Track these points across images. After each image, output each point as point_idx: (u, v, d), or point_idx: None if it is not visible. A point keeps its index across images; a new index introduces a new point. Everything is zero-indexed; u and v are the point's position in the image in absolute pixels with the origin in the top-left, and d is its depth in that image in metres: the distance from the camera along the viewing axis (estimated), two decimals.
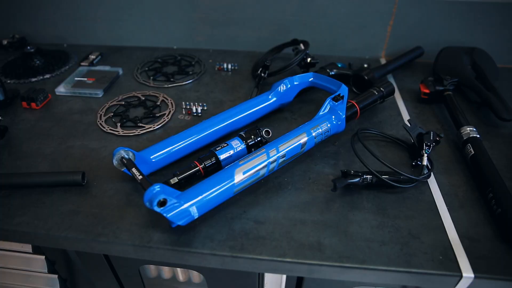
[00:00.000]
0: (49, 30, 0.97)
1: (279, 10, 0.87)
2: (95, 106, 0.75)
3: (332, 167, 0.60)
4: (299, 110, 0.72)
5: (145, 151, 0.56)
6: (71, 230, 0.50)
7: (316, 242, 0.48)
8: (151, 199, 0.45)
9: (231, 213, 0.52)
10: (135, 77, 0.83)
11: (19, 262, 0.64)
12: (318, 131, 0.58)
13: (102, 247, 0.50)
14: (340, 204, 0.54)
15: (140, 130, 0.66)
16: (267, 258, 0.47)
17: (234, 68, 0.85)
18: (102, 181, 0.57)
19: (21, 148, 0.65)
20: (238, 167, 0.51)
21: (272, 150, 0.53)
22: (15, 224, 0.51)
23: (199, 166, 0.55)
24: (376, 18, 0.84)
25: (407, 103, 0.75)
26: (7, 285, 0.68)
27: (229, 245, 0.48)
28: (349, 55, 0.91)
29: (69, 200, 0.55)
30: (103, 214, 0.52)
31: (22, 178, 0.55)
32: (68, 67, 0.87)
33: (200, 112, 0.70)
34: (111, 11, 0.92)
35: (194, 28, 0.92)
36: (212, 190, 0.48)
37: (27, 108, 0.74)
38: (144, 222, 0.51)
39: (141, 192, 0.56)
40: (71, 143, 0.65)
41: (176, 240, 0.49)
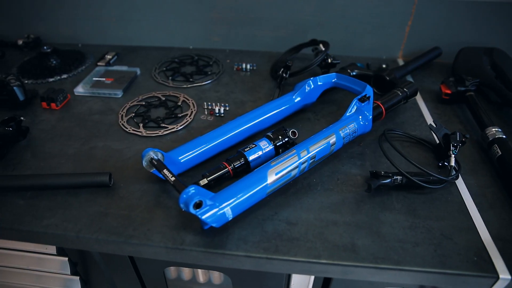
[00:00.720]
0: (64, 30, 0.96)
1: (297, 10, 0.86)
2: (115, 106, 0.74)
3: (359, 167, 0.60)
4: (321, 111, 0.72)
5: (173, 152, 0.56)
6: (101, 232, 0.49)
7: (349, 243, 0.48)
8: (186, 201, 0.44)
9: (263, 215, 0.52)
10: (154, 77, 0.83)
11: (42, 264, 0.63)
12: (346, 131, 0.58)
13: (133, 249, 0.49)
14: (370, 205, 0.54)
15: (163, 131, 0.66)
16: (302, 259, 0.47)
17: (253, 68, 0.85)
18: (128, 182, 0.57)
19: (43, 149, 0.64)
20: (271, 168, 0.50)
21: (303, 151, 0.53)
22: (44, 226, 0.51)
23: (228, 167, 0.55)
24: (395, 18, 0.84)
25: (428, 103, 0.75)
26: (28, 286, 0.67)
27: (263, 246, 0.48)
28: (366, 55, 0.91)
29: (97, 201, 0.54)
30: (133, 215, 0.52)
31: (49, 180, 0.54)
32: (85, 67, 0.86)
33: (223, 112, 0.70)
34: (126, 11, 0.91)
35: (211, 28, 0.92)
36: (246, 192, 0.48)
37: (47, 108, 0.73)
38: (175, 223, 0.51)
39: (169, 193, 0.55)
40: (93, 144, 0.65)
41: (209, 242, 0.48)
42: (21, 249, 0.62)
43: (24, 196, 0.55)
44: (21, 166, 0.61)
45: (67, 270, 0.64)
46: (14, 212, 0.53)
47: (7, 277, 0.67)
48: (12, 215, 0.52)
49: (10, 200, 0.54)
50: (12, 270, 0.65)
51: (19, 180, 0.54)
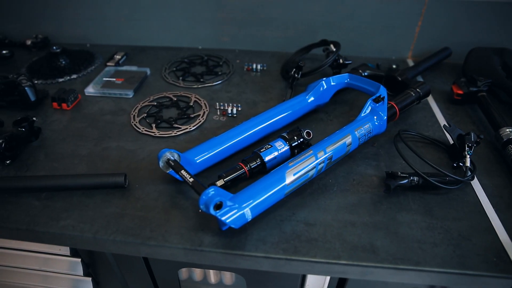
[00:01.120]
0: (72, 30, 0.96)
1: (306, 10, 0.86)
2: (126, 106, 0.74)
3: (374, 168, 0.59)
4: (334, 111, 0.72)
5: (189, 153, 0.55)
6: (118, 233, 0.49)
7: (368, 244, 0.48)
8: (206, 203, 0.44)
9: (280, 215, 0.52)
10: (164, 77, 0.82)
11: (55, 265, 0.63)
12: (362, 132, 0.58)
13: (151, 250, 0.49)
14: (387, 205, 0.54)
15: (176, 131, 0.65)
16: (322, 260, 0.46)
17: (263, 68, 0.85)
18: (144, 183, 0.57)
19: (56, 149, 0.64)
20: (289, 169, 0.50)
21: (320, 152, 0.53)
22: (61, 227, 0.50)
23: (244, 168, 0.55)
24: (405, 18, 0.85)
25: (440, 104, 0.75)
26: (40, 287, 0.67)
27: (282, 247, 0.47)
28: (375, 55, 0.91)
29: (112, 202, 0.54)
30: (149, 217, 0.51)
31: (65, 180, 0.54)
32: (94, 67, 0.86)
33: (236, 113, 0.70)
34: (135, 11, 0.91)
35: (220, 28, 0.91)
36: (265, 192, 0.48)
37: (58, 108, 0.73)
38: (192, 225, 0.50)
39: (185, 194, 0.55)
40: (106, 144, 0.64)
41: (227, 243, 0.48)
42: (34, 250, 0.61)
43: (39, 197, 0.55)
44: (34, 166, 0.60)
45: (80, 271, 0.64)
46: (30, 213, 0.52)
47: (20, 278, 0.67)
48: (27, 216, 0.52)
49: (25, 201, 0.54)
50: (24, 271, 0.65)
51: (35, 180, 0.54)
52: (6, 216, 0.52)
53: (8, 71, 0.86)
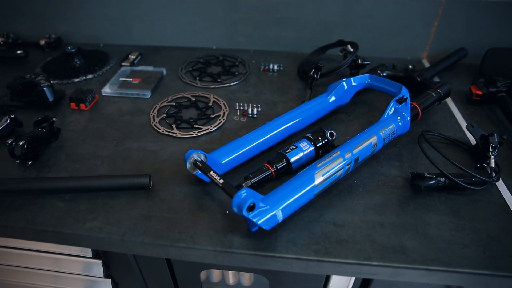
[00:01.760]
0: (85, 30, 0.95)
1: (323, 11, 0.86)
2: (144, 107, 0.74)
3: (398, 169, 0.59)
4: (353, 112, 0.72)
5: (215, 153, 0.55)
6: (146, 235, 0.49)
7: (398, 245, 0.48)
8: (239, 205, 0.44)
9: (308, 216, 0.52)
10: (181, 78, 0.82)
11: (75, 266, 0.62)
12: (386, 133, 0.58)
13: (179, 252, 0.49)
14: (413, 206, 0.53)
15: (197, 132, 0.65)
16: (353, 262, 0.46)
17: (280, 68, 0.85)
18: (168, 184, 0.56)
19: (77, 150, 0.63)
20: (318, 170, 0.50)
21: (347, 153, 0.53)
22: (87, 229, 0.50)
23: (271, 169, 0.54)
24: (421, 19, 0.85)
25: (458, 104, 0.75)
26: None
27: (312, 249, 0.47)
28: (390, 56, 0.91)
29: (138, 204, 0.53)
30: (176, 218, 0.51)
31: (90, 182, 0.53)
32: (109, 67, 0.85)
33: (256, 113, 0.70)
34: (150, 10, 0.91)
35: (235, 28, 0.91)
36: (295, 193, 0.48)
37: (75, 109, 0.72)
38: (220, 226, 0.50)
39: (211, 195, 0.55)
40: (127, 145, 0.64)
41: (258, 245, 0.48)
42: (54, 252, 0.61)
43: (63, 199, 0.54)
44: (56, 167, 0.60)
45: (100, 273, 0.63)
46: (55, 215, 0.52)
47: (39, 280, 0.66)
48: (53, 218, 0.51)
49: (50, 203, 0.54)
50: (44, 272, 0.64)
51: (60, 182, 0.53)
52: (31, 218, 0.51)
53: (23, 71, 0.85)
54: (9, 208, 0.53)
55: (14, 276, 0.66)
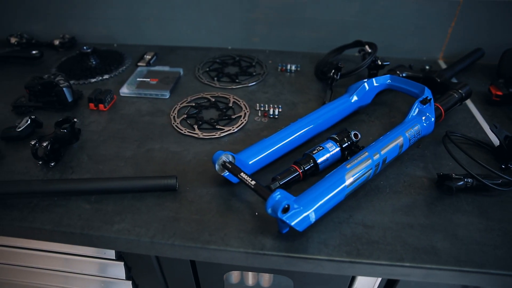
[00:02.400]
0: (99, 30, 0.95)
1: (339, 11, 0.86)
2: (164, 107, 0.73)
3: (423, 170, 0.59)
4: (374, 113, 0.72)
5: (242, 154, 0.55)
6: (176, 237, 0.48)
7: (429, 246, 0.48)
8: (274, 207, 0.43)
9: (338, 218, 0.51)
10: (198, 78, 0.82)
11: (97, 268, 0.62)
12: (412, 133, 0.58)
13: (210, 254, 0.48)
14: (441, 207, 0.53)
15: (220, 133, 0.65)
16: (385, 263, 0.46)
17: (297, 69, 0.85)
18: (194, 186, 0.56)
19: (99, 151, 0.63)
20: (348, 171, 0.50)
21: (375, 154, 0.53)
22: (116, 231, 0.49)
23: (298, 170, 0.54)
24: (438, 19, 0.85)
25: (477, 105, 0.75)
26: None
27: (344, 250, 0.47)
28: (405, 56, 0.91)
29: (165, 205, 0.53)
30: (205, 220, 0.51)
31: (116, 183, 0.53)
32: (125, 67, 0.85)
33: (277, 114, 0.69)
34: (165, 11, 0.90)
35: (251, 28, 0.91)
36: (327, 194, 0.48)
37: (94, 109, 0.72)
38: (251, 228, 0.50)
39: (239, 197, 0.54)
40: (150, 146, 0.63)
41: (290, 247, 0.47)
42: (75, 253, 0.60)
43: (89, 200, 0.54)
44: (79, 169, 0.59)
45: (122, 275, 0.63)
46: (82, 217, 0.51)
47: (56, 281, 0.66)
48: (80, 220, 0.51)
49: (75, 204, 0.53)
50: (64, 274, 0.64)
51: (87, 183, 0.53)
52: (57, 219, 0.51)
53: (38, 71, 0.85)
54: (34, 210, 0.52)
55: (36, 278, 0.65)
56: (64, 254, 0.59)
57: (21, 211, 0.52)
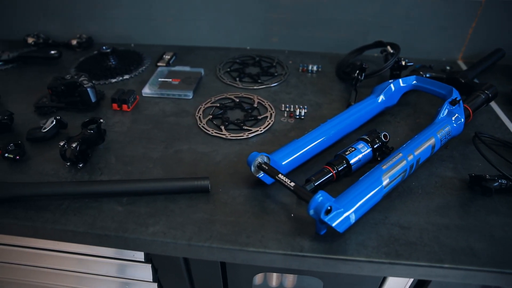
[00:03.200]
0: (116, 30, 0.94)
1: (359, 11, 0.86)
2: (188, 108, 0.73)
3: (453, 170, 0.59)
4: (399, 113, 0.72)
5: (275, 155, 0.55)
6: (213, 239, 0.48)
7: (467, 247, 0.48)
8: (317, 208, 0.43)
9: (373, 219, 0.51)
10: (220, 78, 0.81)
11: (124, 270, 0.61)
12: (442, 134, 0.58)
13: (248, 256, 0.48)
14: (475, 208, 0.53)
15: (247, 133, 0.64)
16: (425, 264, 0.46)
17: (318, 69, 0.84)
18: (226, 187, 0.55)
19: (126, 152, 0.62)
20: (384, 172, 0.50)
21: (409, 155, 0.53)
22: (151, 234, 0.49)
23: (332, 171, 0.54)
24: (459, 20, 0.85)
25: (501, 106, 0.75)
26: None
27: (383, 251, 0.47)
28: (425, 57, 0.91)
29: (199, 207, 0.52)
30: (241, 222, 0.50)
31: (149, 185, 0.52)
32: (145, 67, 0.84)
33: (303, 115, 0.69)
34: (184, 11, 0.90)
35: (270, 28, 0.91)
36: (365, 195, 0.47)
37: (117, 110, 0.71)
38: (288, 229, 0.49)
39: (273, 198, 0.54)
40: (177, 147, 0.63)
41: (329, 248, 0.47)
42: (100, 255, 0.60)
43: (120, 202, 0.53)
44: (107, 170, 0.59)
45: (149, 277, 0.62)
46: (115, 219, 0.51)
47: (83, 283, 0.65)
48: (114, 222, 0.50)
49: (107, 207, 0.53)
50: (90, 276, 0.63)
51: (121, 185, 0.52)
52: (91, 222, 0.50)
53: (57, 71, 0.84)
54: (66, 212, 0.52)
55: (59, 280, 0.65)
56: (88, 256, 0.59)
57: (53, 213, 0.52)
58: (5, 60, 0.83)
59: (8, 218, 0.51)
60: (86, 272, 0.62)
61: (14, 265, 0.64)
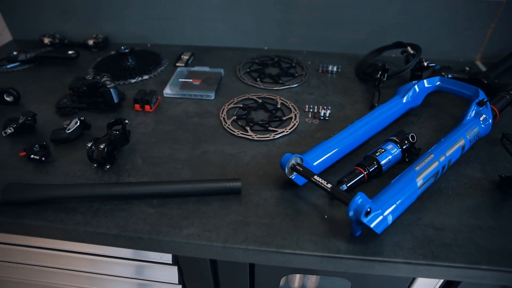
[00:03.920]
0: (132, 30, 0.93)
1: (379, 12, 0.86)
2: (210, 108, 0.72)
3: (481, 171, 0.59)
4: (422, 114, 0.72)
5: (307, 156, 0.54)
6: (249, 241, 0.48)
7: (503, 249, 0.48)
8: (357, 210, 0.43)
9: (406, 220, 0.51)
10: (240, 78, 0.81)
11: (149, 272, 0.61)
12: (471, 135, 0.58)
13: (284, 258, 0.48)
14: (507, 209, 0.53)
15: (274, 134, 0.64)
16: (462, 265, 0.46)
17: (338, 70, 0.84)
18: (257, 189, 0.55)
19: (152, 153, 0.61)
20: (418, 173, 0.50)
21: (441, 156, 0.53)
22: (186, 236, 0.48)
23: (363, 172, 0.54)
24: (478, 20, 0.85)
25: None
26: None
27: (419, 252, 0.47)
28: (442, 57, 0.90)
29: (232, 209, 0.52)
30: (275, 224, 0.50)
31: (182, 186, 0.52)
32: (163, 67, 0.84)
33: (328, 116, 0.69)
34: (202, 11, 0.89)
35: (288, 29, 0.90)
36: (401, 196, 0.47)
37: (140, 110, 0.70)
38: (322, 231, 0.49)
39: (305, 199, 0.54)
40: (204, 148, 0.63)
41: (365, 250, 0.47)
42: (125, 257, 0.59)
43: (151, 204, 0.53)
44: (135, 172, 0.58)
45: (175, 279, 0.62)
46: (148, 221, 0.50)
47: (102, 285, 0.65)
48: (146, 225, 0.50)
49: (139, 209, 0.52)
50: (111, 278, 0.63)
51: (152, 186, 0.51)
52: (123, 224, 0.50)
53: (75, 71, 0.83)
54: (97, 214, 0.51)
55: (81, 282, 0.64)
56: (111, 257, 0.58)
57: (84, 215, 0.51)
58: (22, 60, 0.82)
59: (39, 221, 0.50)
60: (107, 274, 0.62)
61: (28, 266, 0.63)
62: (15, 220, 0.51)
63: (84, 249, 0.59)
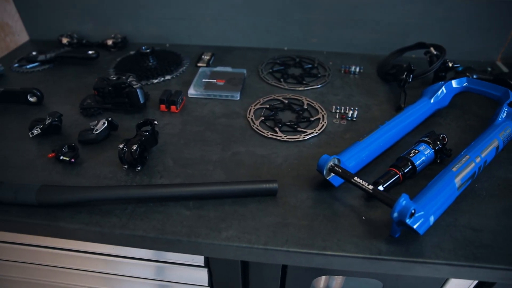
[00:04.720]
0: (151, 30, 0.93)
1: (400, 12, 0.86)
2: (237, 109, 0.72)
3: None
4: (448, 115, 0.72)
5: (342, 157, 0.54)
6: (290, 244, 0.47)
7: None
8: (402, 212, 0.43)
9: (444, 221, 0.51)
10: (264, 79, 0.81)
11: (178, 274, 0.60)
12: (505, 136, 0.58)
13: (325, 260, 0.47)
14: None
15: (303, 135, 0.64)
16: (505, 267, 0.46)
17: (360, 70, 0.84)
18: (293, 190, 0.55)
19: (183, 155, 0.61)
20: (455, 174, 0.50)
21: (477, 157, 0.53)
22: (225, 239, 0.48)
23: (398, 173, 0.54)
24: (500, 20, 0.85)
25: None
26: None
27: (461, 254, 0.47)
28: (463, 58, 0.91)
29: (269, 211, 0.52)
30: (315, 225, 0.50)
31: (219, 188, 0.51)
32: (185, 68, 0.83)
33: (356, 116, 0.69)
34: (222, 11, 0.89)
35: (309, 29, 0.90)
36: (442, 198, 0.47)
37: (165, 111, 0.70)
38: (362, 232, 0.49)
39: (341, 200, 0.54)
40: (235, 149, 0.62)
41: (405, 251, 0.47)
42: (153, 259, 0.59)
43: (187, 206, 0.52)
44: (167, 173, 0.58)
45: (205, 281, 0.61)
46: (185, 224, 0.50)
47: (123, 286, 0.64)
48: (184, 227, 0.49)
49: (175, 211, 0.52)
50: (143, 281, 0.62)
51: (189, 188, 0.51)
52: (160, 227, 0.49)
53: (95, 72, 0.82)
54: (133, 217, 0.51)
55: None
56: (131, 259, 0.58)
57: (120, 218, 0.51)
58: (42, 60, 0.81)
59: (75, 223, 0.50)
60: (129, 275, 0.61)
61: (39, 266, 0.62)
62: (50, 222, 0.50)
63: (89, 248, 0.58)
